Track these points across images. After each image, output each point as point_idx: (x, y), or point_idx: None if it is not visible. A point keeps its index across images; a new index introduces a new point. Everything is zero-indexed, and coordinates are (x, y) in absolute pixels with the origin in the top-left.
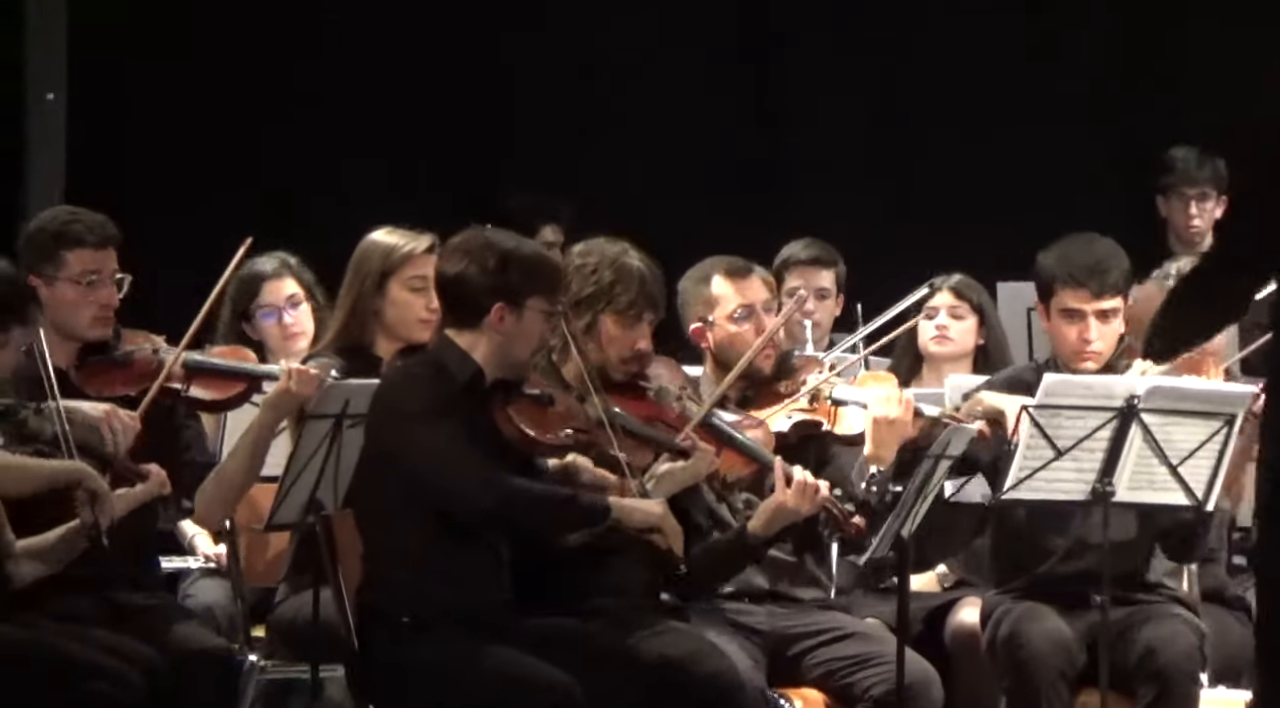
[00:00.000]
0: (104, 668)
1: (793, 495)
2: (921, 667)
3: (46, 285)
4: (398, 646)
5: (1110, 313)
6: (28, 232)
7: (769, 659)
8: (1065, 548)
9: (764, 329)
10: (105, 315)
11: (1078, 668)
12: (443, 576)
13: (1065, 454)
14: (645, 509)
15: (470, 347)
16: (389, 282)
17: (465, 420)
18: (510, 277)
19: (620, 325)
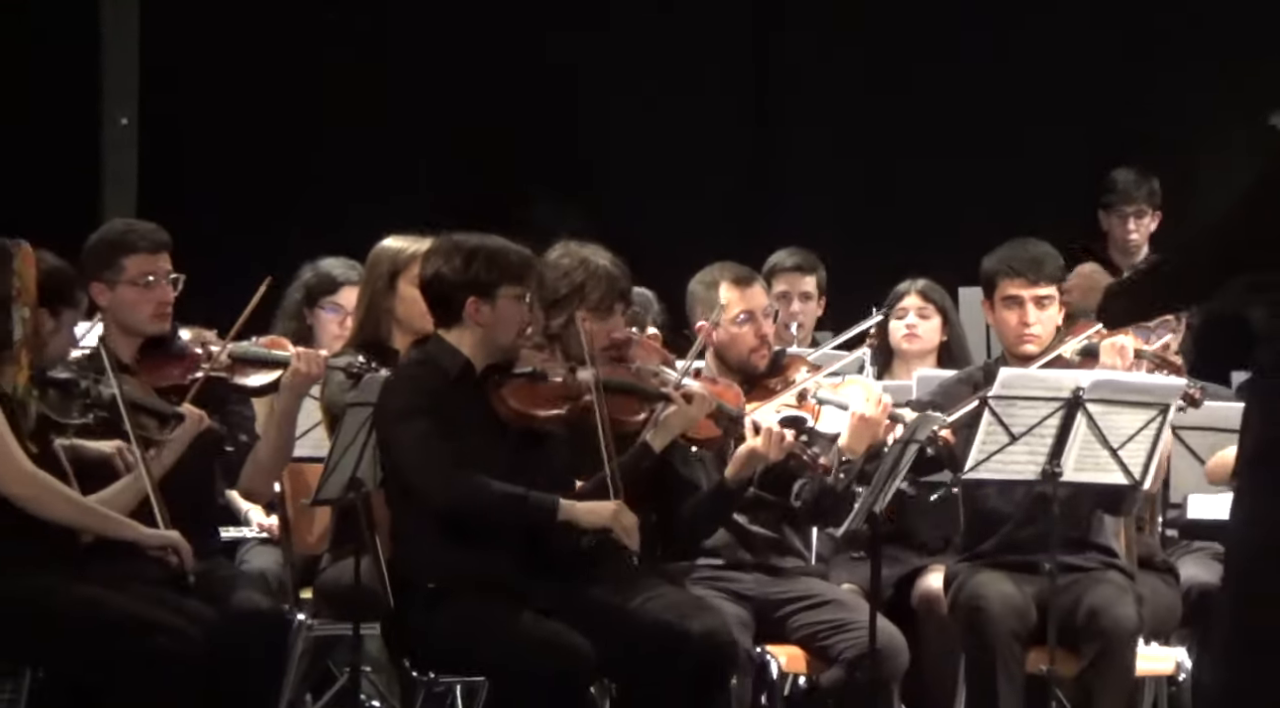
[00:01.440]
0: (169, 625)
1: (762, 442)
2: (890, 633)
3: (109, 289)
4: (426, 609)
5: (1046, 299)
6: (89, 243)
7: (756, 621)
8: (1017, 518)
9: (762, 331)
10: (163, 312)
11: (1029, 628)
12: (458, 548)
13: (1019, 439)
14: (596, 510)
15: (457, 341)
16: (398, 280)
17: (455, 414)
18: (477, 270)
19: (595, 319)
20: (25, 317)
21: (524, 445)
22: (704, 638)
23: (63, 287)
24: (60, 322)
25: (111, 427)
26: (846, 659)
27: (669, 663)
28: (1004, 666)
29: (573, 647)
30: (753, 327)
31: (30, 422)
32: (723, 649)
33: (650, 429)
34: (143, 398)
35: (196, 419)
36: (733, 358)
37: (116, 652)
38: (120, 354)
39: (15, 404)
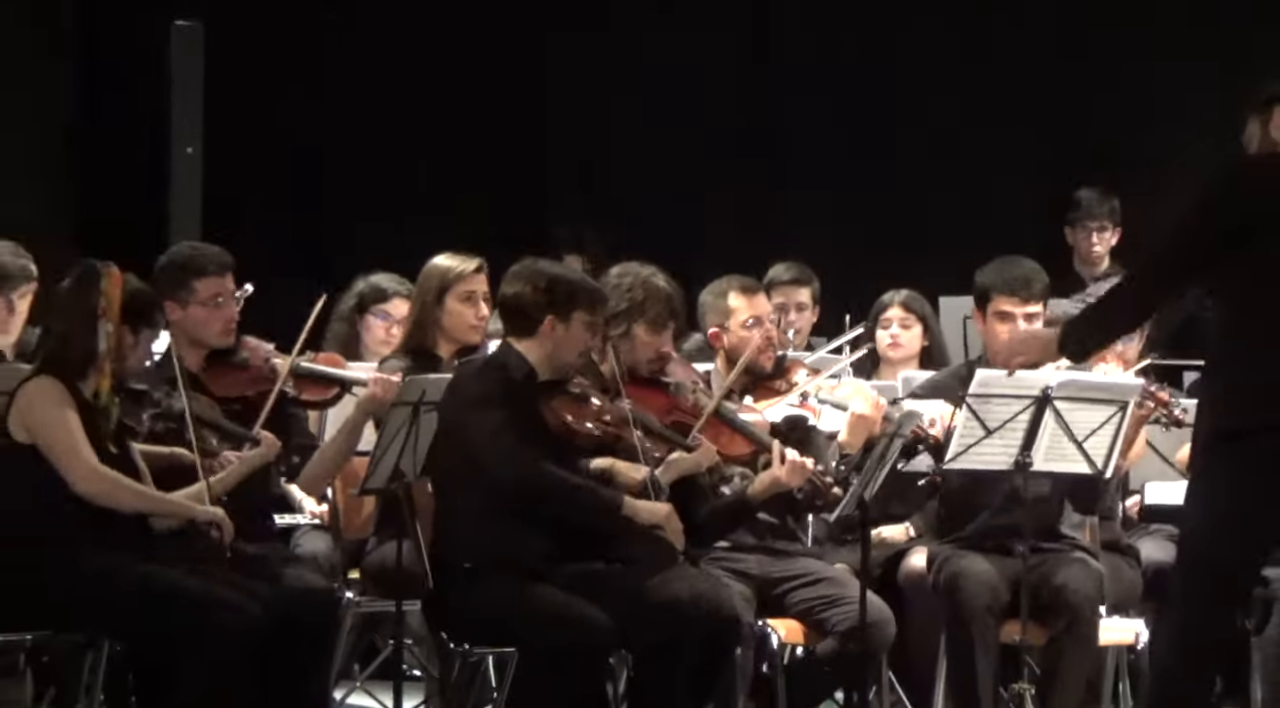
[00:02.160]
0: (231, 602)
1: (787, 471)
2: (879, 606)
3: (181, 308)
4: (463, 587)
5: (1034, 316)
6: (160, 265)
7: (758, 598)
8: (994, 507)
9: (769, 335)
10: (229, 328)
11: (1003, 603)
12: (496, 532)
13: (993, 433)
14: (653, 510)
15: (526, 352)
16: (446, 296)
17: (517, 411)
18: (558, 295)
19: (649, 333)
20: (109, 332)
21: (560, 453)
22: (711, 613)
23: (144, 308)
24: (139, 339)
25: (177, 436)
26: (840, 631)
27: (680, 636)
28: (981, 637)
29: (594, 621)
30: (760, 331)
31: (111, 425)
32: (728, 623)
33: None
34: (209, 415)
35: (271, 444)
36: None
37: (184, 626)
38: (188, 364)
39: (98, 409)
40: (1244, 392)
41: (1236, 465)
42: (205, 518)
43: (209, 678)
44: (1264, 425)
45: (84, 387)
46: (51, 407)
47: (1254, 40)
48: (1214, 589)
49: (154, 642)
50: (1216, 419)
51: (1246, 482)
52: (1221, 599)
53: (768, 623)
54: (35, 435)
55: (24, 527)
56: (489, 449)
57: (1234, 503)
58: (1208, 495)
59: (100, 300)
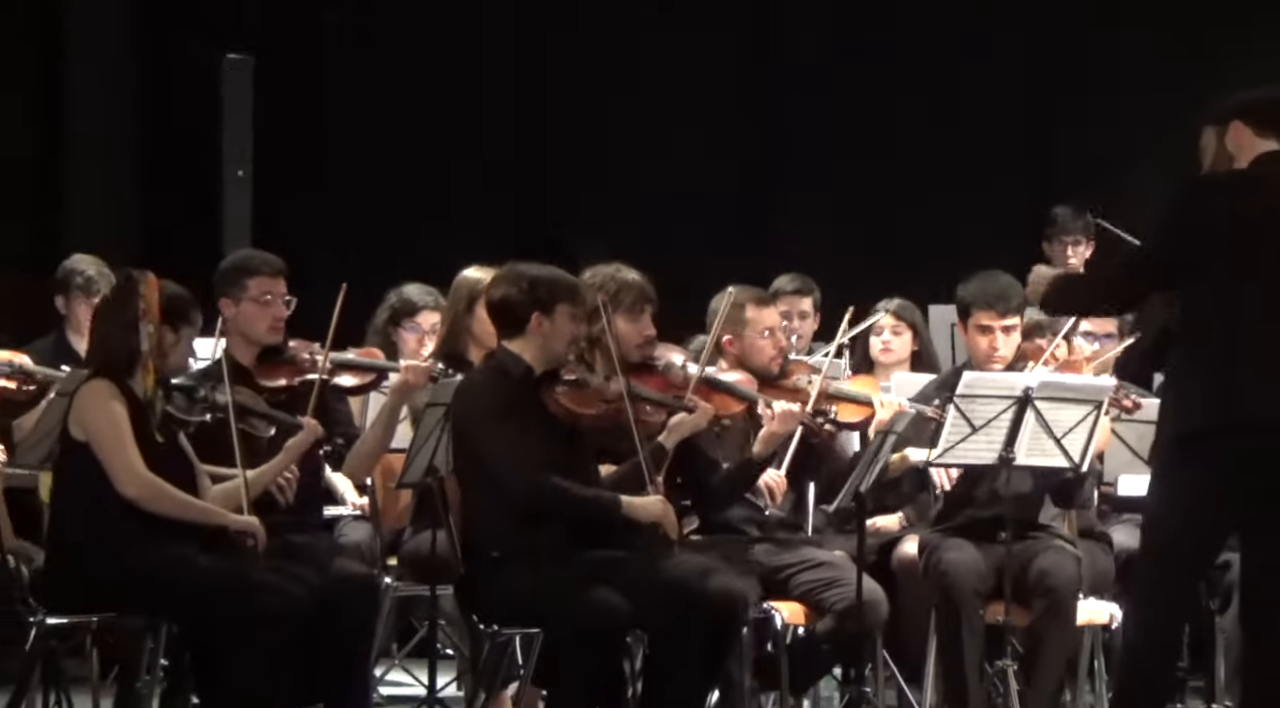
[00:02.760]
0: (280, 588)
1: (778, 420)
2: (873, 588)
3: (234, 304)
4: (491, 573)
5: (1011, 328)
6: (220, 267)
7: (762, 582)
8: (981, 499)
9: (780, 343)
10: (277, 326)
11: (989, 587)
12: (517, 526)
13: (979, 430)
14: (649, 506)
15: (520, 350)
16: (476, 304)
17: (523, 412)
18: (540, 292)
19: (629, 320)
20: (150, 332)
21: (569, 439)
22: (720, 597)
23: (182, 308)
24: (180, 336)
25: (223, 425)
26: (837, 611)
27: (690, 617)
28: (967, 618)
29: (611, 604)
30: (772, 340)
31: (157, 418)
32: (736, 606)
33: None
34: (253, 403)
35: (313, 429)
36: (754, 364)
37: (235, 610)
38: (240, 359)
39: (145, 404)
40: (1203, 397)
41: (1196, 466)
42: (240, 528)
43: (259, 656)
44: (1222, 428)
45: (134, 384)
46: (102, 409)
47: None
48: (1176, 580)
49: (208, 624)
50: (1179, 423)
51: (1205, 482)
52: (1183, 588)
53: (771, 605)
54: (89, 436)
55: (89, 519)
56: (499, 463)
57: (1194, 502)
58: (1170, 495)
59: (140, 304)
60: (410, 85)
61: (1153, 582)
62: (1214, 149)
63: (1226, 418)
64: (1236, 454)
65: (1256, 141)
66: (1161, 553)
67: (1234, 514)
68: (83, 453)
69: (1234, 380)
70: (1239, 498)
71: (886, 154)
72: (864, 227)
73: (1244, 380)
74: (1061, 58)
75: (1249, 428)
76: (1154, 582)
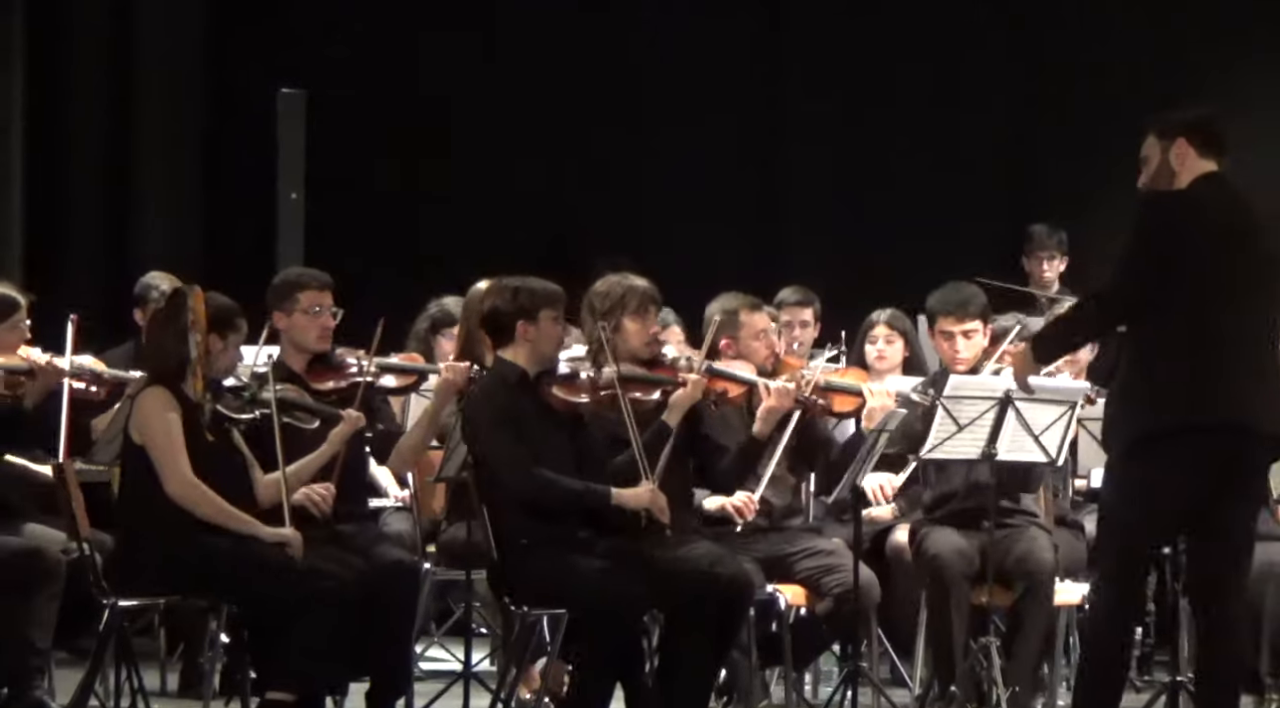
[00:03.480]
0: (330, 572)
1: (775, 398)
2: (868, 575)
3: (287, 316)
4: (521, 559)
5: (971, 332)
6: (273, 282)
7: (766, 567)
8: (963, 492)
9: (770, 345)
10: (325, 336)
11: (974, 570)
12: (543, 515)
13: (964, 429)
14: (638, 495)
15: (513, 357)
16: None
17: (524, 412)
18: (523, 301)
19: (635, 321)
20: (198, 340)
21: (574, 429)
22: (729, 580)
23: (228, 317)
24: (227, 343)
25: (270, 421)
26: (835, 594)
27: (702, 599)
28: (955, 599)
29: (629, 587)
30: (765, 342)
31: (206, 418)
32: (743, 588)
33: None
34: (298, 399)
35: (354, 420)
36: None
37: (290, 592)
38: (292, 366)
39: (195, 405)
40: (1160, 399)
41: (1153, 466)
42: (274, 540)
43: (311, 635)
44: (1180, 428)
45: (185, 388)
46: (157, 417)
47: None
48: (1132, 571)
49: (265, 606)
50: (1137, 425)
51: (1162, 480)
52: (1140, 576)
53: (776, 588)
54: (144, 440)
55: (153, 511)
56: (496, 464)
57: (1149, 500)
58: (1127, 492)
59: (189, 315)
60: (447, 112)
61: (1109, 575)
62: (1157, 162)
63: (1191, 418)
64: (1199, 452)
65: (1198, 162)
66: (1119, 550)
67: (1191, 507)
68: (142, 454)
69: (1197, 383)
70: (1199, 493)
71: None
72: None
73: (1208, 386)
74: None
75: (1214, 428)
76: (1112, 575)
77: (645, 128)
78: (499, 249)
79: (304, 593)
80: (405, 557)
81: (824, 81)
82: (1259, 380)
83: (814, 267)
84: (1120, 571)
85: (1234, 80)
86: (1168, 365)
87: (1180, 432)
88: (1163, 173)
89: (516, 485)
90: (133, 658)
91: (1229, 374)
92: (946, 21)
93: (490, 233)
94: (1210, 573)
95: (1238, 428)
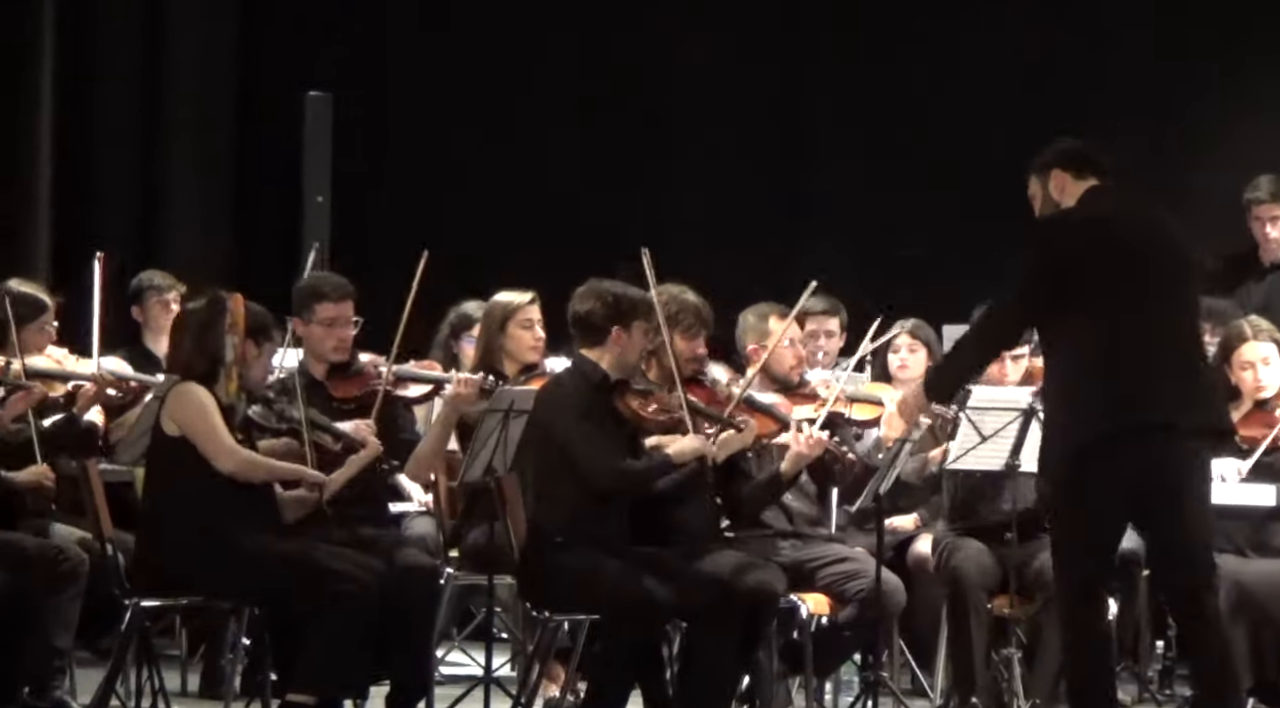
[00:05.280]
0: (351, 575)
1: (804, 444)
2: (891, 579)
3: (305, 325)
4: (547, 560)
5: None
6: (295, 288)
7: (789, 575)
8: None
9: (799, 353)
10: (343, 347)
11: (995, 581)
12: (582, 515)
13: (988, 440)
14: (691, 445)
15: (598, 359)
16: (508, 324)
17: (599, 412)
18: (622, 308)
19: (685, 340)
20: (235, 344)
21: (631, 441)
22: (752, 589)
23: (264, 326)
24: (262, 350)
25: (295, 436)
26: (858, 600)
27: (725, 607)
28: (975, 609)
29: (653, 594)
30: (793, 350)
31: (238, 419)
32: (766, 597)
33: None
34: (323, 420)
35: (374, 450)
36: (777, 372)
37: (313, 595)
38: (313, 372)
39: (229, 408)
40: (1093, 409)
41: (1097, 472)
42: (314, 480)
43: (333, 637)
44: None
45: (217, 389)
46: (194, 402)
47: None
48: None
49: (287, 608)
50: (1078, 434)
51: (1107, 483)
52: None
53: (798, 597)
54: (184, 428)
55: (178, 511)
56: (582, 453)
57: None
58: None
59: (227, 319)
60: (471, 117)
61: (1075, 582)
62: (1041, 197)
63: (1117, 424)
64: (1126, 458)
65: (1078, 184)
66: (1079, 555)
67: (1131, 510)
68: (173, 449)
69: (1119, 391)
70: (1135, 494)
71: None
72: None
73: (1129, 390)
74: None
75: (1136, 433)
76: (1076, 582)
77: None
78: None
79: (325, 596)
80: (426, 561)
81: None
82: (1179, 379)
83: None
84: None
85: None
86: (1085, 376)
87: (1104, 441)
88: (1049, 204)
89: (599, 475)
90: (154, 658)
91: (1144, 377)
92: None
93: (515, 237)
94: (1175, 582)
95: (1159, 428)
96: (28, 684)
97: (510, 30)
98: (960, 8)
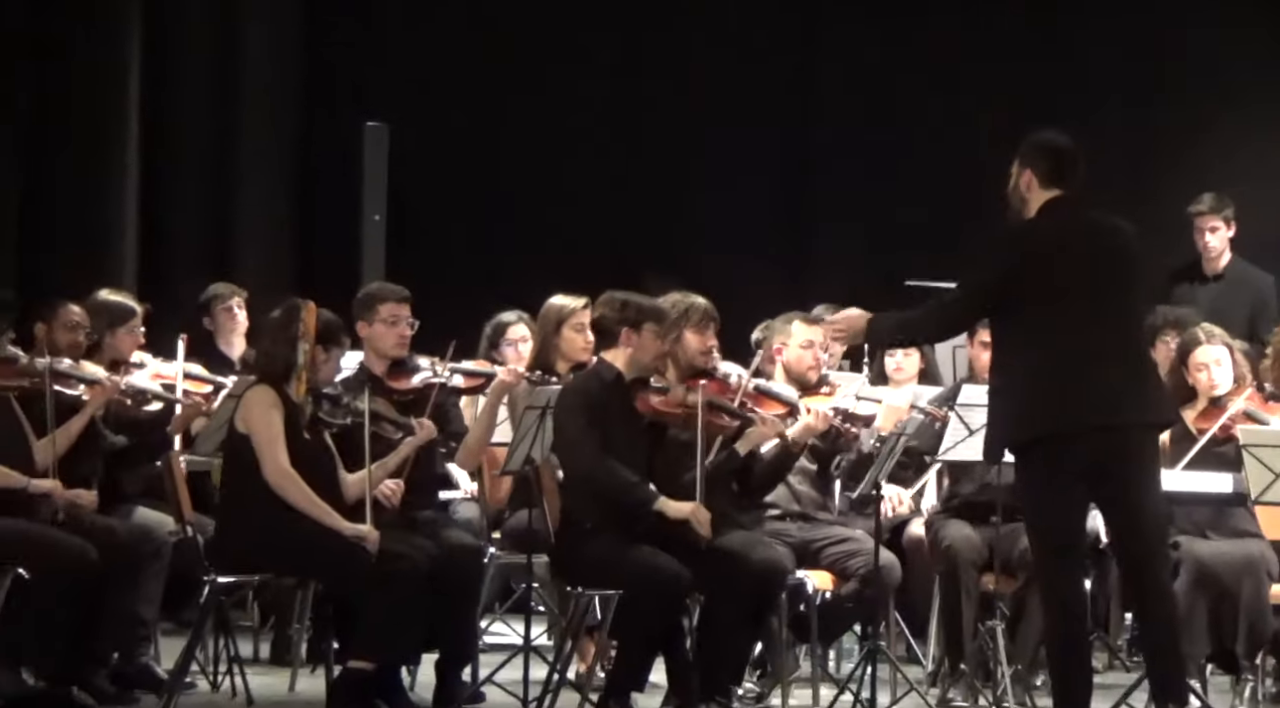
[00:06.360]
0: (405, 555)
1: (812, 418)
2: (889, 557)
3: (368, 325)
4: (580, 542)
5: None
6: (358, 295)
7: (796, 555)
8: (974, 490)
9: (817, 356)
10: (402, 344)
11: (983, 560)
12: (609, 500)
13: (975, 433)
14: (679, 508)
15: (613, 359)
16: (562, 327)
17: (611, 409)
18: (630, 314)
19: (695, 334)
20: (306, 349)
21: (656, 437)
22: (763, 566)
23: (334, 332)
24: (330, 355)
25: (360, 427)
26: (859, 576)
27: (739, 582)
28: (965, 586)
29: (674, 570)
30: (812, 352)
31: (305, 419)
32: (776, 574)
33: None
34: (385, 412)
35: (428, 432)
36: (795, 372)
37: (370, 572)
38: (374, 370)
39: (297, 407)
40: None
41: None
42: (352, 535)
43: (388, 611)
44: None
45: (288, 390)
46: (262, 412)
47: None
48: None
49: (348, 584)
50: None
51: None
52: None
53: (805, 573)
54: (249, 432)
55: (251, 497)
56: (564, 444)
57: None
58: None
59: (300, 326)
60: (512, 140)
61: (1054, 568)
62: (1012, 183)
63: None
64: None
65: (1042, 193)
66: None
67: (1088, 494)
68: (244, 444)
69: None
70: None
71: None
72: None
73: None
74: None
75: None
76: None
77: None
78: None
79: (382, 573)
80: (471, 541)
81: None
82: (1126, 379)
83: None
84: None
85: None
86: (1039, 376)
87: (1048, 440)
88: (1016, 194)
89: (575, 462)
90: (229, 629)
91: (1089, 378)
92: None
93: (554, 251)
94: (1133, 555)
95: (1104, 429)
96: (117, 651)
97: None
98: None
